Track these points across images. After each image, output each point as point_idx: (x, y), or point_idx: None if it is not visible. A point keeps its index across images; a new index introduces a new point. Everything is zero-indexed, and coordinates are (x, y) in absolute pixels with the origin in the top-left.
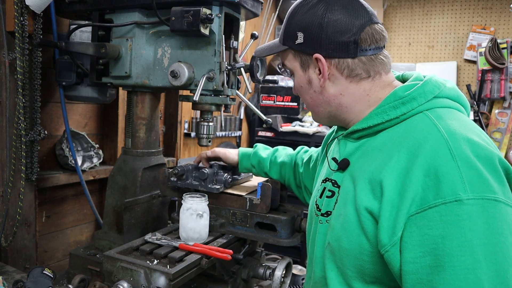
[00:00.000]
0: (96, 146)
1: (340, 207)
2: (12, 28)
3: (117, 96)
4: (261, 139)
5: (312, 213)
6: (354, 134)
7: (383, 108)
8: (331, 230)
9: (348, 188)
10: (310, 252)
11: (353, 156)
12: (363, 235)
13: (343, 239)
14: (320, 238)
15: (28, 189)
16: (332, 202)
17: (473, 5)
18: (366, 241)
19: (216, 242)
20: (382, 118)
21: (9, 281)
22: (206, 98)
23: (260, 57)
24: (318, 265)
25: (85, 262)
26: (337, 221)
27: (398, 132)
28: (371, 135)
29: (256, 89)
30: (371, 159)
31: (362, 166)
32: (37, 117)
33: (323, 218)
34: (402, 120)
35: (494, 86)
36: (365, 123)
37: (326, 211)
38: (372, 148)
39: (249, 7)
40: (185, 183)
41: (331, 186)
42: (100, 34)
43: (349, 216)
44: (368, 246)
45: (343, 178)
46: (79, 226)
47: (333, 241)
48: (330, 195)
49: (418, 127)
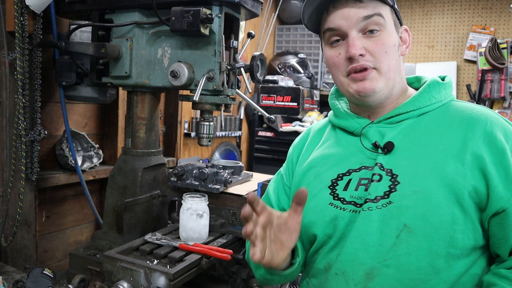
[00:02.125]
0: (96, 146)
1: (411, 185)
2: (12, 28)
3: (117, 96)
4: (261, 139)
5: (332, 210)
6: (397, 117)
7: (429, 91)
8: (406, 210)
9: (413, 166)
10: (338, 249)
11: (396, 138)
12: (454, 204)
13: (430, 214)
14: (373, 226)
15: (28, 189)
16: (384, 186)
17: (473, 5)
18: (459, 209)
19: (216, 242)
20: (429, 100)
21: (9, 281)
22: (206, 98)
23: (260, 57)
24: (372, 255)
25: (85, 262)
26: (414, 198)
27: (447, 112)
28: (413, 118)
29: (256, 89)
30: (432, 137)
31: (421, 145)
32: (37, 117)
33: (372, 205)
34: (442, 104)
35: (494, 86)
36: (413, 104)
37: (376, 197)
38: (423, 128)
39: (249, 7)
40: (185, 183)
41: (378, 170)
42: (100, 34)
43: (432, 190)
44: (461, 214)
45: (393, 160)
46: (79, 226)
47: (414, 220)
48: (378, 179)
49: (469, 107)
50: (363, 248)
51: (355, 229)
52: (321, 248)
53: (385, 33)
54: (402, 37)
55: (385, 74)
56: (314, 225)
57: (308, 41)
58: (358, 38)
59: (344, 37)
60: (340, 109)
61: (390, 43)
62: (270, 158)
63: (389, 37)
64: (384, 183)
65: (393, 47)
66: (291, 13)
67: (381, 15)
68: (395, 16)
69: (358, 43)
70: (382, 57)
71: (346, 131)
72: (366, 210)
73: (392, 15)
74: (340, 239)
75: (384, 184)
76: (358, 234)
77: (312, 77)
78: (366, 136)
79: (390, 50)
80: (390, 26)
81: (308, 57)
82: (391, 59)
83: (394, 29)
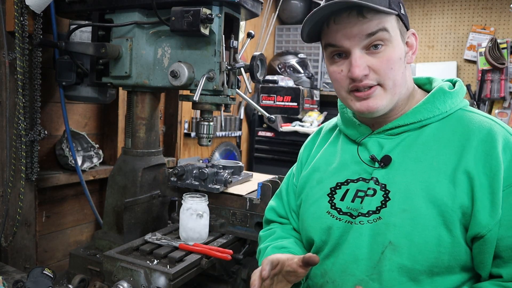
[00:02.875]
0: (96, 146)
1: (400, 202)
2: (12, 28)
3: (117, 96)
4: (261, 139)
5: (328, 218)
6: (397, 129)
7: (432, 102)
8: (393, 227)
9: (406, 183)
10: (333, 259)
11: (394, 151)
12: (441, 226)
13: (416, 234)
14: (363, 240)
15: (28, 189)
16: (377, 201)
17: (473, 5)
18: (446, 231)
19: (216, 242)
20: (432, 112)
21: (9, 281)
22: (206, 97)
23: (262, 59)
24: (361, 268)
25: (85, 262)
26: (402, 217)
27: (450, 125)
28: (414, 130)
29: (256, 89)
30: (429, 153)
31: (417, 161)
32: (37, 117)
33: (364, 219)
34: (448, 114)
35: (494, 86)
36: (414, 117)
37: (368, 211)
38: (422, 142)
39: (249, 7)
40: (185, 183)
41: (373, 184)
42: (100, 34)
43: (420, 210)
44: (448, 237)
45: (388, 175)
46: (79, 226)
47: (399, 238)
48: (372, 194)
49: (473, 119)
50: (353, 260)
51: (347, 241)
52: (318, 253)
53: (390, 47)
54: (409, 42)
55: (390, 90)
56: (312, 230)
57: None
58: (361, 56)
59: (346, 54)
60: (345, 114)
61: (395, 58)
62: (270, 158)
63: (394, 51)
64: (377, 198)
65: (398, 60)
66: (291, 13)
67: (386, 29)
68: (401, 24)
69: (361, 63)
70: (387, 74)
71: (348, 138)
72: (358, 224)
73: (398, 23)
74: (334, 247)
75: (377, 199)
76: (349, 246)
77: (312, 77)
78: (365, 147)
79: (396, 65)
80: (395, 38)
81: (308, 57)
82: (397, 74)
83: (400, 39)
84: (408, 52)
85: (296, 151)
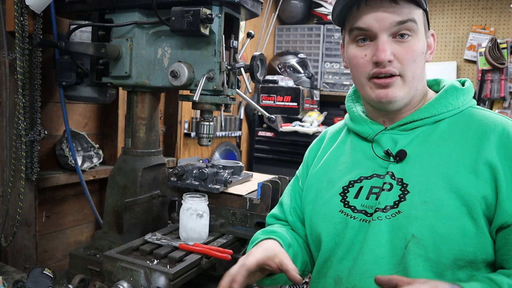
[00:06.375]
0: (96, 146)
1: (421, 195)
2: (12, 28)
3: (117, 96)
4: (261, 139)
5: (341, 217)
6: (411, 124)
7: (445, 97)
8: (414, 220)
9: (425, 176)
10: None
11: (409, 146)
12: (466, 216)
13: (439, 225)
14: (382, 236)
15: (28, 189)
16: (394, 195)
17: (473, 5)
18: (471, 221)
19: (216, 242)
20: (446, 107)
21: (9, 281)
22: (206, 97)
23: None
24: (383, 267)
25: (85, 262)
26: (423, 209)
27: (463, 120)
28: (428, 125)
29: (256, 89)
30: (445, 146)
31: (434, 154)
32: (37, 117)
33: (382, 214)
34: (460, 111)
35: (494, 86)
36: (428, 111)
37: (386, 206)
38: (437, 136)
39: (249, 7)
40: (185, 183)
41: (389, 179)
42: (100, 34)
43: (442, 201)
44: (473, 227)
45: (404, 169)
46: (79, 226)
47: (423, 231)
48: (388, 188)
49: (485, 115)
50: (373, 260)
51: (365, 240)
52: (329, 259)
53: (415, 39)
54: (428, 42)
55: (409, 82)
56: (323, 231)
57: (308, 41)
58: (388, 42)
59: (372, 38)
60: (355, 113)
61: (419, 50)
62: (270, 158)
63: (419, 43)
64: (394, 193)
65: (421, 54)
66: (291, 13)
67: (415, 21)
68: (425, 20)
69: (388, 48)
70: (409, 65)
71: (360, 136)
72: (376, 219)
73: (424, 18)
74: (349, 249)
75: (394, 193)
76: (367, 245)
77: (312, 77)
78: (379, 143)
79: (418, 58)
80: (421, 32)
81: (308, 57)
82: (417, 67)
83: (424, 34)
84: (427, 51)
85: (296, 151)
